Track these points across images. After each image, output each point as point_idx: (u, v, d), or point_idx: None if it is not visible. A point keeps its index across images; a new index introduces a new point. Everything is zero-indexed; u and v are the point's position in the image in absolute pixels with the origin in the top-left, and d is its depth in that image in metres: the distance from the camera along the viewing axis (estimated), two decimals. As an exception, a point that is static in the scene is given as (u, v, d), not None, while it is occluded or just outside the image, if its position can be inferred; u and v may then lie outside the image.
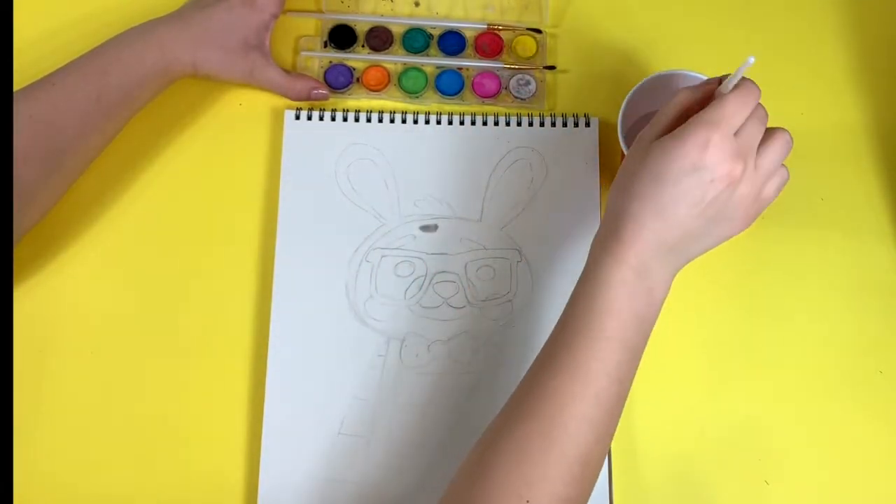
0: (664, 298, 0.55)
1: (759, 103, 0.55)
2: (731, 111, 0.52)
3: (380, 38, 0.75)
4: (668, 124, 0.55)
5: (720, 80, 0.56)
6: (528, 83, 0.74)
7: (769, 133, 0.55)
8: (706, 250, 0.56)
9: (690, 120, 0.53)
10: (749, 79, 0.55)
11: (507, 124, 0.72)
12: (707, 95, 0.56)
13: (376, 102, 0.74)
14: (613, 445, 0.65)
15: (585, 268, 0.56)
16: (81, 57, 0.66)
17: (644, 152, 0.54)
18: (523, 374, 0.66)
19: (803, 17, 0.75)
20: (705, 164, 0.52)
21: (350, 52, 0.75)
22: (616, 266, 0.53)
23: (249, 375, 0.67)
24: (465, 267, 0.69)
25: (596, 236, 0.57)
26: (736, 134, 0.53)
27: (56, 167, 0.65)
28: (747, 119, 0.53)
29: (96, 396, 0.67)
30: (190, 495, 0.65)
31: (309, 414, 0.66)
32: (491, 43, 0.75)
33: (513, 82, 0.74)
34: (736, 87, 0.54)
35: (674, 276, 0.56)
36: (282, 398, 0.66)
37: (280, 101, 0.73)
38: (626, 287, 0.53)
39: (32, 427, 0.66)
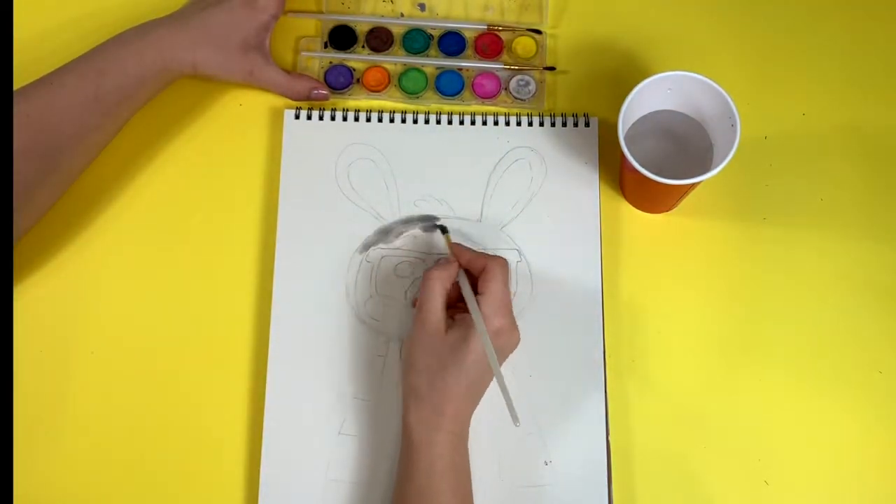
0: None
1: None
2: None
3: (380, 39, 0.75)
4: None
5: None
6: (527, 84, 0.74)
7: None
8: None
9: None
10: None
11: (507, 124, 0.72)
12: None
13: (376, 103, 0.74)
14: (613, 445, 0.65)
15: (411, 440, 0.60)
16: (80, 57, 0.66)
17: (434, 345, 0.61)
18: (522, 373, 0.66)
19: (803, 17, 0.75)
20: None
21: (350, 52, 0.75)
22: (440, 434, 0.59)
23: (250, 375, 0.67)
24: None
25: (410, 413, 0.61)
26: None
27: (54, 166, 0.65)
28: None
29: (96, 396, 0.67)
30: (190, 495, 0.65)
31: (309, 414, 0.66)
32: (491, 43, 0.75)
33: (513, 83, 0.74)
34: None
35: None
36: (282, 398, 0.66)
37: (280, 101, 0.73)
38: (449, 446, 0.60)
39: (32, 427, 0.66)
